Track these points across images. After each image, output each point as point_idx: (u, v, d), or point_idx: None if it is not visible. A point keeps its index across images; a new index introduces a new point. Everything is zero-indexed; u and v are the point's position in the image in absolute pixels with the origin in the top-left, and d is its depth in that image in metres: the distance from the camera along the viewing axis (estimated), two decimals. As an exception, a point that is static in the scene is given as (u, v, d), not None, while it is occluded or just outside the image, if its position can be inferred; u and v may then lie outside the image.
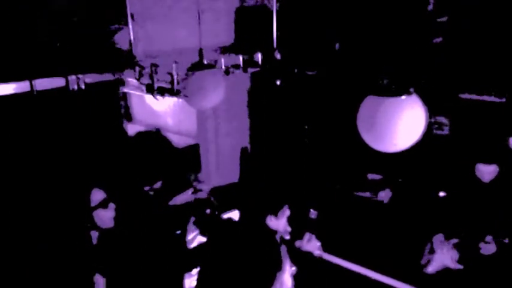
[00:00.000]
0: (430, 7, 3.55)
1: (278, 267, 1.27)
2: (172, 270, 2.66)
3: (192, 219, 2.89)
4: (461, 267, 2.89)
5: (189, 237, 2.91)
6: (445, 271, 2.96)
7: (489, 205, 3.09)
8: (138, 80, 4.01)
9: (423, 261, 3.08)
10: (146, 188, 2.59)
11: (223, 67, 4.09)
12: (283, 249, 1.33)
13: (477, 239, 2.95)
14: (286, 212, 2.54)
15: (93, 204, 2.51)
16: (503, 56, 3.31)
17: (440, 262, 2.97)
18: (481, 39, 3.40)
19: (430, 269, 3.02)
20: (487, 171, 3.06)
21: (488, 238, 2.93)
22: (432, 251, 3.03)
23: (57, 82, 3.52)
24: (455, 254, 2.92)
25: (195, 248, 2.87)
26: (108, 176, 2.68)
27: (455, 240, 2.98)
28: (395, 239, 3.63)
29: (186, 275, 2.76)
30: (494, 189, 3.09)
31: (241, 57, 4.27)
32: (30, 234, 3.78)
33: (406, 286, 3.18)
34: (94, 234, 2.73)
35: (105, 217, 2.53)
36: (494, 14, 3.33)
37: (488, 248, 2.92)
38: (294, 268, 2.04)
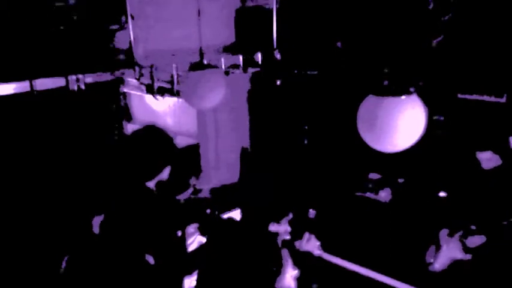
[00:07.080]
0: (431, 7, 3.55)
1: (279, 270, 1.27)
2: (172, 272, 2.65)
3: (195, 224, 2.88)
4: (470, 257, 2.91)
5: (189, 239, 2.90)
6: (450, 267, 2.96)
7: (490, 196, 3.10)
8: (138, 80, 4.01)
9: (429, 260, 3.08)
10: (150, 184, 2.54)
11: (223, 67, 4.09)
12: (285, 252, 1.33)
13: (482, 227, 2.97)
14: (289, 216, 2.54)
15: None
16: (503, 56, 3.31)
17: (448, 257, 2.98)
18: (481, 39, 3.40)
19: (437, 265, 3.02)
20: (484, 158, 3.09)
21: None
22: (438, 248, 3.03)
23: (57, 82, 3.52)
24: (462, 245, 2.93)
25: (194, 250, 2.86)
26: (108, 175, 2.67)
27: (460, 233, 2.99)
28: (396, 238, 3.63)
29: (186, 275, 2.75)
30: (496, 187, 3.09)
31: (241, 57, 4.26)
32: (30, 233, 3.78)
33: (407, 286, 3.18)
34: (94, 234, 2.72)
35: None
36: (494, 13, 3.32)
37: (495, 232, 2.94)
38: (296, 271, 2.01)
